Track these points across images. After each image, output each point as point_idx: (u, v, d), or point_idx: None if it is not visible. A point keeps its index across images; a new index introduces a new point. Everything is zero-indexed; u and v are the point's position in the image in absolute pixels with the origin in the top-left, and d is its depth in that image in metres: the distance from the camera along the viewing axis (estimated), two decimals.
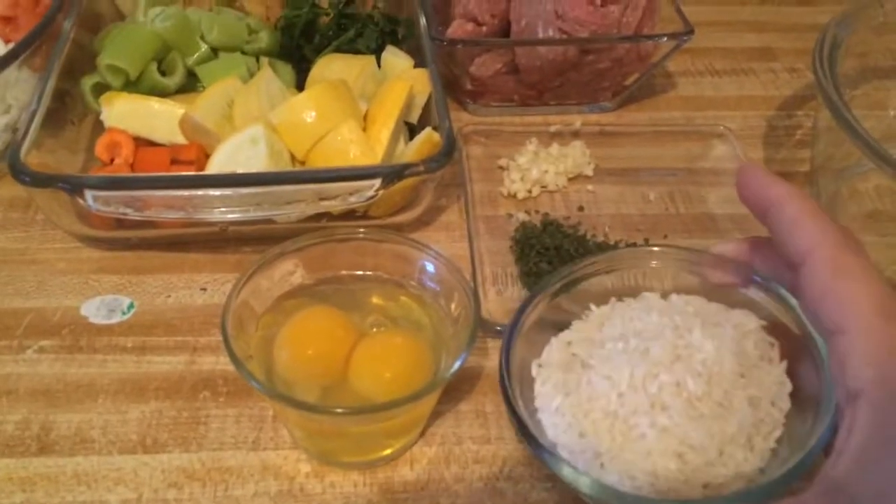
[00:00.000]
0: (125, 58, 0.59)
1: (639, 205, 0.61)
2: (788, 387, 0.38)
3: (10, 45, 0.64)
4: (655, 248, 0.46)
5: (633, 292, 0.44)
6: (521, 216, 0.59)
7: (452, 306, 0.45)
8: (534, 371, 0.41)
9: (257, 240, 0.56)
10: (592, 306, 0.43)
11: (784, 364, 0.39)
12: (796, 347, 0.39)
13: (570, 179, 0.62)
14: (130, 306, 0.52)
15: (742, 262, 0.42)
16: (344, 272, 0.48)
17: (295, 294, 0.46)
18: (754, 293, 0.42)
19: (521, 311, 0.42)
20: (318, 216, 0.54)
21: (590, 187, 0.62)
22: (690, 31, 0.64)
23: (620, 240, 0.57)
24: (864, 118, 0.52)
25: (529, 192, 0.61)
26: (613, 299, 0.44)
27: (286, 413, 0.42)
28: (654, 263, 0.45)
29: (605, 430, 0.37)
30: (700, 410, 0.37)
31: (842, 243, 0.34)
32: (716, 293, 0.43)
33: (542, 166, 0.61)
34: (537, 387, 0.41)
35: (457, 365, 0.40)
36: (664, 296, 0.43)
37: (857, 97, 0.64)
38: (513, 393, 0.39)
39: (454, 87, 0.69)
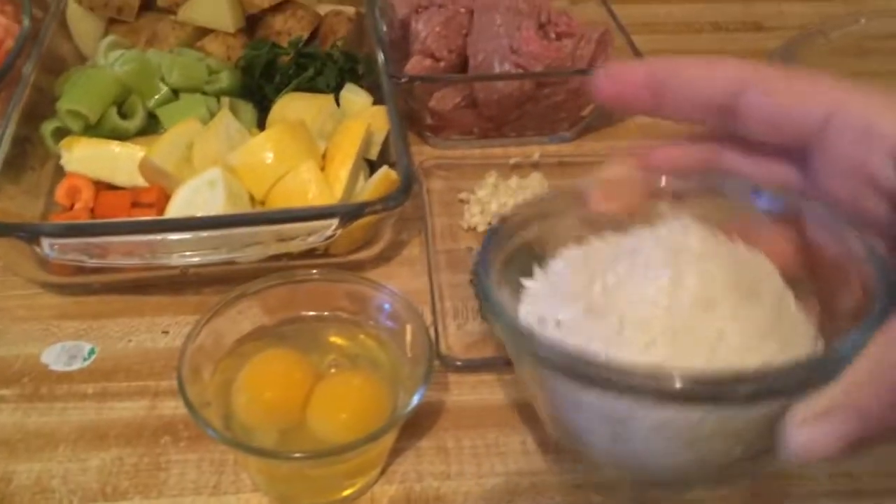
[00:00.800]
0: (85, 102, 0.60)
1: None
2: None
3: None
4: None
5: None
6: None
7: (408, 344, 0.45)
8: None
9: (218, 281, 0.56)
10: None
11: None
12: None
13: None
14: (91, 352, 0.52)
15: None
16: (303, 313, 0.48)
17: (254, 336, 0.47)
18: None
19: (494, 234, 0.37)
20: (279, 256, 0.54)
21: None
22: None
23: None
24: None
25: (489, 224, 0.61)
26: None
27: (245, 459, 0.42)
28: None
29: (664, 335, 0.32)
30: (748, 298, 0.32)
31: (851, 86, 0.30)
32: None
33: (501, 199, 0.62)
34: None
35: (414, 402, 0.41)
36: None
37: None
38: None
39: (415, 121, 0.70)
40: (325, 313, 0.48)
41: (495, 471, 0.46)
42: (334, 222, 0.50)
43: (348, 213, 0.51)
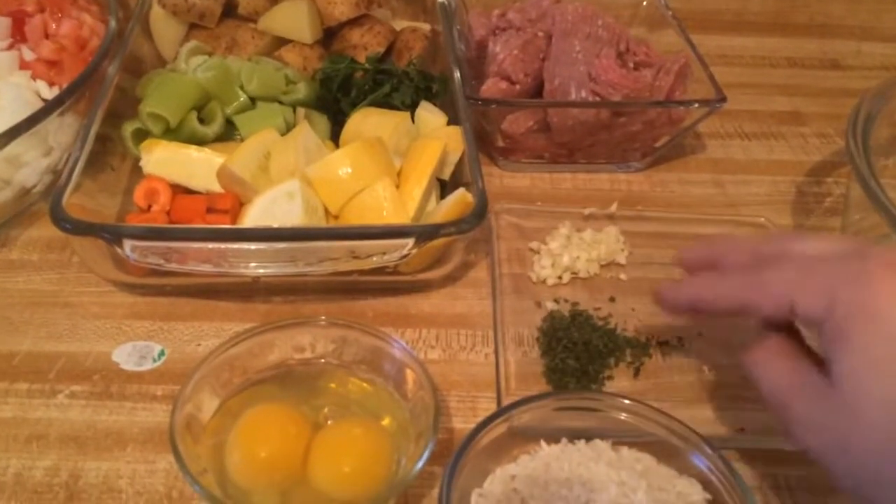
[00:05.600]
0: (167, 106, 0.60)
1: None
2: None
3: (55, 89, 0.66)
4: (627, 402, 0.45)
5: (587, 434, 0.44)
6: (550, 305, 0.57)
7: (408, 389, 0.44)
8: (473, 500, 0.41)
9: (287, 290, 0.57)
10: (543, 443, 0.43)
11: None
12: None
13: (602, 266, 0.60)
14: (161, 353, 0.53)
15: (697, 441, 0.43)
16: (291, 360, 0.47)
17: (241, 390, 0.46)
18: (703, 463, 0.42)
19: (472, 436, 0.41)
20: (349, 270, 0.54)
21: (622, 276, 0.60)
22: (723, 99, 0.64)
23: (652, 336, 0.55)
24: None
25: (560, 278, 0.59)
26: (565, 440, 0.44)
27: None
28: (623, 416, 0.44)
29: None
30: None
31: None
32: (667, 456, 0.43)
33: (573, 252, 0.59)
34: None
35: (419, 466, 0.40)
36: (616, 447, 0.43)
37: (889, 166, 0.64)
38: None
39: (485, 141, 0.70)
40: (316, 359, 0.47)
41: None
42: (410, 242, 0.50)
43: (424, 233, 0.51)
